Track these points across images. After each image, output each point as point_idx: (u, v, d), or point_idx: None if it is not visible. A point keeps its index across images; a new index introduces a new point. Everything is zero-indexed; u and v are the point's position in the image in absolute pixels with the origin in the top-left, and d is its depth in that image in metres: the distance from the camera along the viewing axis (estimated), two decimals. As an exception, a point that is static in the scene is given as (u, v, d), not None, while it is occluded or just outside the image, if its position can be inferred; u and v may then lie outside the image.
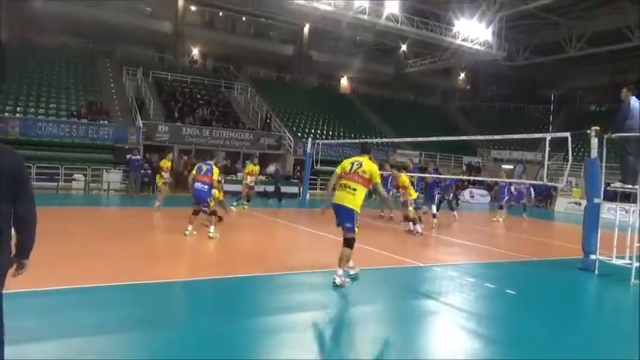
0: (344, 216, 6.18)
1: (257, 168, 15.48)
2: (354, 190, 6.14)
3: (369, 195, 7.08)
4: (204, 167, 9.38)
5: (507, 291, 6.64)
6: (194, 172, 9.51)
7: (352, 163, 6.34)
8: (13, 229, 2.77)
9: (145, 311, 5.01)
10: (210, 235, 9.18)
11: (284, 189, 20.24)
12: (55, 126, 20.02)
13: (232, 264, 7.62)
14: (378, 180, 6.41)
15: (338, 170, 6.43)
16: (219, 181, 9.77)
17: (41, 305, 4.92)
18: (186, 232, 9.32)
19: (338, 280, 6.14)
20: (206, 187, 9.29)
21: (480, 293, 6.65)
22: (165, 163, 13.69)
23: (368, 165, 6.31)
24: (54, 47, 28.67)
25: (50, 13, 27.15)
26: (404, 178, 11.75)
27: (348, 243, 6.21)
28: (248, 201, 15.13)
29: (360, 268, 6.96)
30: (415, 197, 11.75)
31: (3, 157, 2.68)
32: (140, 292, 5.70)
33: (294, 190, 21.22)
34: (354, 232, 6.19)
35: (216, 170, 9.42)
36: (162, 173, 13.62)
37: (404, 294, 6.46)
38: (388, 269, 7.88)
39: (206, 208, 9.36)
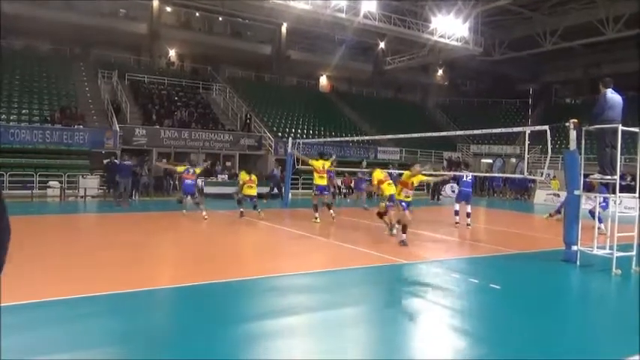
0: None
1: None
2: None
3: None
4: (191, 169, 13.31)
5: (492, 285, 6.64)
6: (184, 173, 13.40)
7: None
8: None
9: (128, 323, 4.84)
10: (205, 215, 12.73)
11: (266, 190, 20.31)
12: (27, 132, 19.47)
13: (216, 268, 7.46)
14: None
15: None
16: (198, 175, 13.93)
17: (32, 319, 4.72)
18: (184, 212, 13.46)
19: None
20: (190, 182, 13.21)
21: (465, 289, 6.64)
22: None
23: None
24: (25, 51, 27.99)
25: (21, 16, 26.41)
26: (378, 173, 11.77)
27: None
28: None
29: (344, 268, 6.89)
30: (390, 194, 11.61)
31: None
32: (119, 301, 5.51)
33: (273, 190, 21.10)
34: None
35: (197, 169, 13.53)
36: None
37: (388, 293, 6.41)
38: (372, 268, 7.81)
39: (195, 198, 13.29)
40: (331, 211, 13.04)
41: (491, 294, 6.39)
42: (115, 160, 18.51)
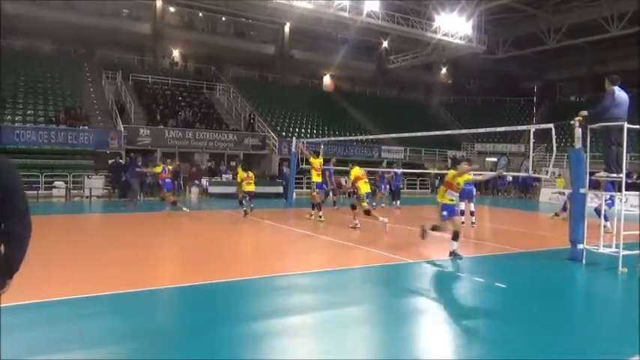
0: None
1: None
2: None
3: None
4: (166, 168, 14.48)
5: (497, 284, 6.60)
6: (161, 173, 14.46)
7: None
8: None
9: (131, 323, 4.84)
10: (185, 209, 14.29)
11: (269, 189, 20.32)
12: (33, 133, 19.57)
13: (220, 268, 7.46)
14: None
15: None
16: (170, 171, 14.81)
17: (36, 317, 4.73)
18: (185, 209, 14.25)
19: None
20: (169, 180, 14.56)
21: (470, 288, 6.61)
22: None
23: None
24: (28, 52, 28.08)
25: (22, 16, 26.49)
26: (356, 170, 11.78)
27: None
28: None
29: (349, 267, 6.87)
30: (366, 192, 11.61)
31: None
32: (122, 301, 5.52)
33: (279, 189, 21.08)
34: None
35: (168, 167, 14.57)
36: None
37: (393, 292, 6.38)
38: (377, 267, 7.80)
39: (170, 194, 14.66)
40: (313, 211, 13.22)
41: (497, 293, 6.35)
42: (120, 160, 18.56)
